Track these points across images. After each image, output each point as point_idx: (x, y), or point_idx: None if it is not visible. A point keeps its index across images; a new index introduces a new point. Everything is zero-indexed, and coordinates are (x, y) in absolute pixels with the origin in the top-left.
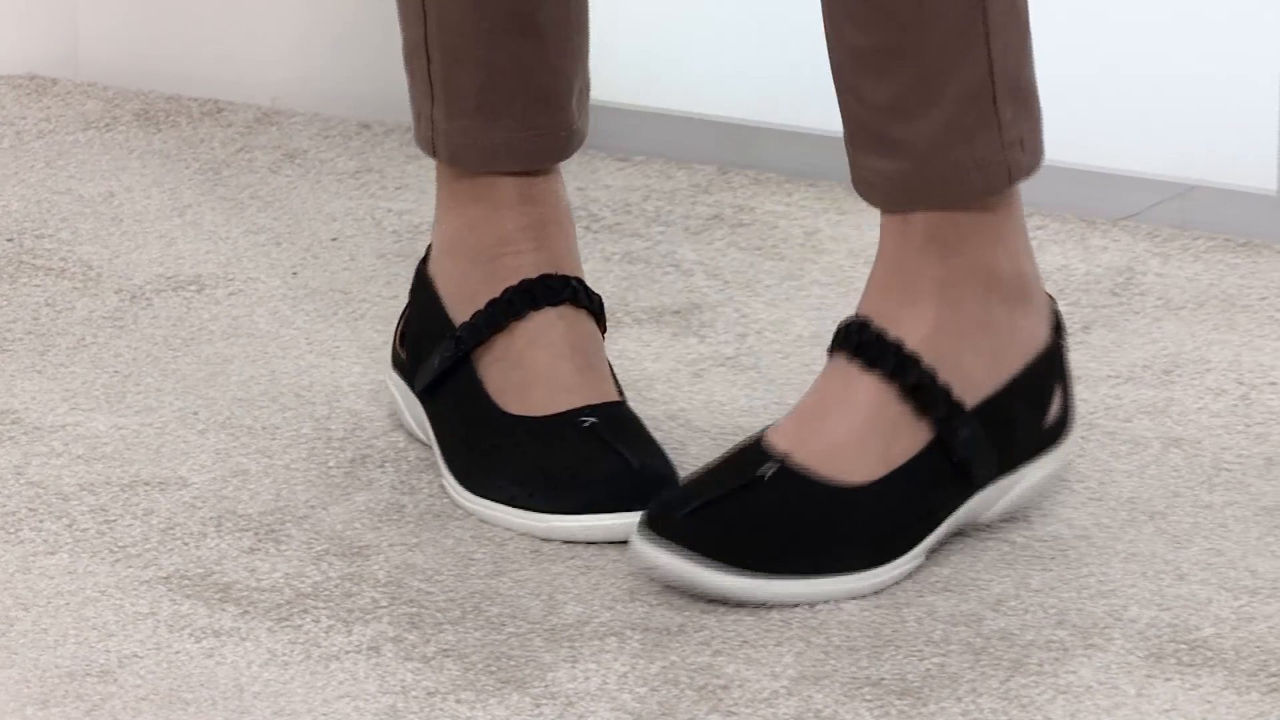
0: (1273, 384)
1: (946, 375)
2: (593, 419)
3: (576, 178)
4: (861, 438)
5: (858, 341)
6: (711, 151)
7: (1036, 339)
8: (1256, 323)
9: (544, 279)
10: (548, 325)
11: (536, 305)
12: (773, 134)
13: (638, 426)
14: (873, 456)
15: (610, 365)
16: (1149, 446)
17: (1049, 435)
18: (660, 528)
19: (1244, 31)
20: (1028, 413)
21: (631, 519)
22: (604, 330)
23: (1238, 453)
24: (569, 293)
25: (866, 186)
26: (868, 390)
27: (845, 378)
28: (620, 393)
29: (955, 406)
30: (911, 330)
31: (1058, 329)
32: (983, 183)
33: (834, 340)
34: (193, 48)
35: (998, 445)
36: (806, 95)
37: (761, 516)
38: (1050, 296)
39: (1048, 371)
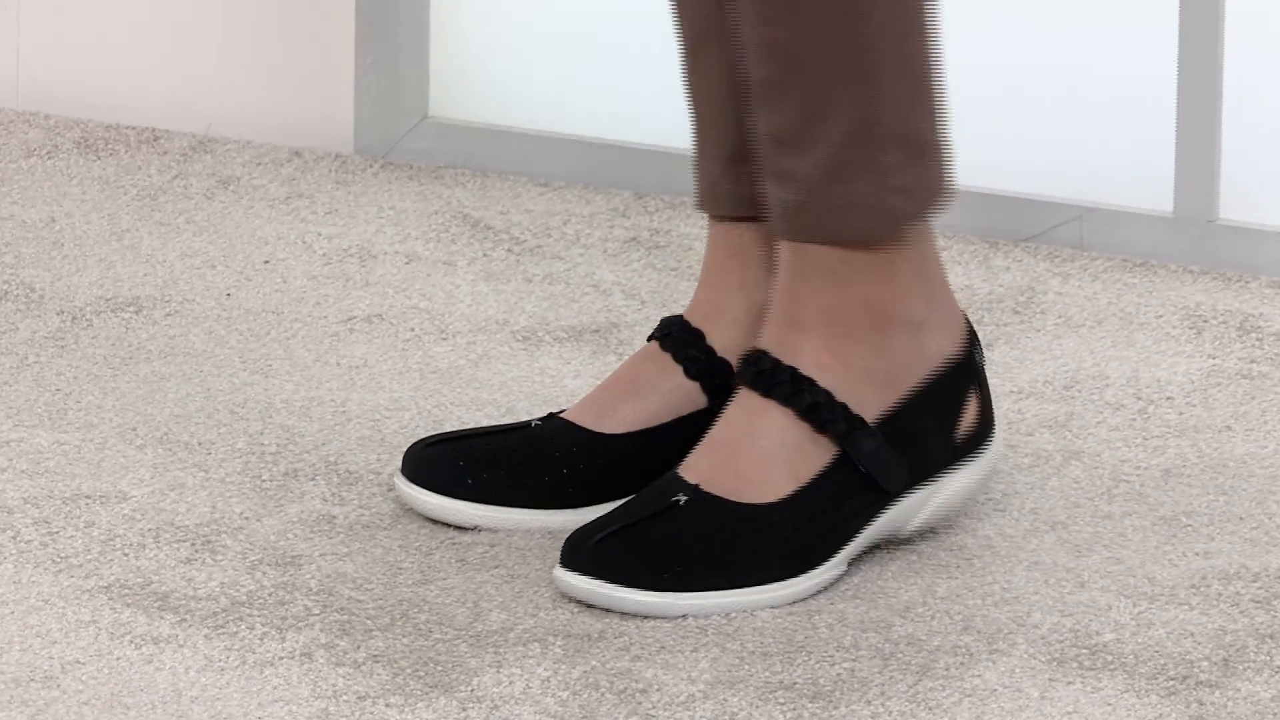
0: (1169, 399)
1: (843, 395)
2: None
3: (499, 202)
4: (767, 461)
5: (755, 371)
6: (628, 177)
7: (941, 354)
8: (1153, 339)
9: None
10: None
11: None
12: (686, 160)
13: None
14: (781, 477)
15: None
16: (1050, 459)
17: (966, 445)
18: (572, 559)
19: (1140, 61)
20: (936, 425)
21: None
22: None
23: (1136, 465)
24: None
25: (769, 213)
26: (769, 416)
27: (747, 407)
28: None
29: (855, 420)
30: (804, 356)
31: (972, 343)
32: (859, 224)
33: (737, 373)
34: (130, 78)
35: (907, 456)
36: None
37: (671, 539)
38: (962, 313)
39: (956, 384)
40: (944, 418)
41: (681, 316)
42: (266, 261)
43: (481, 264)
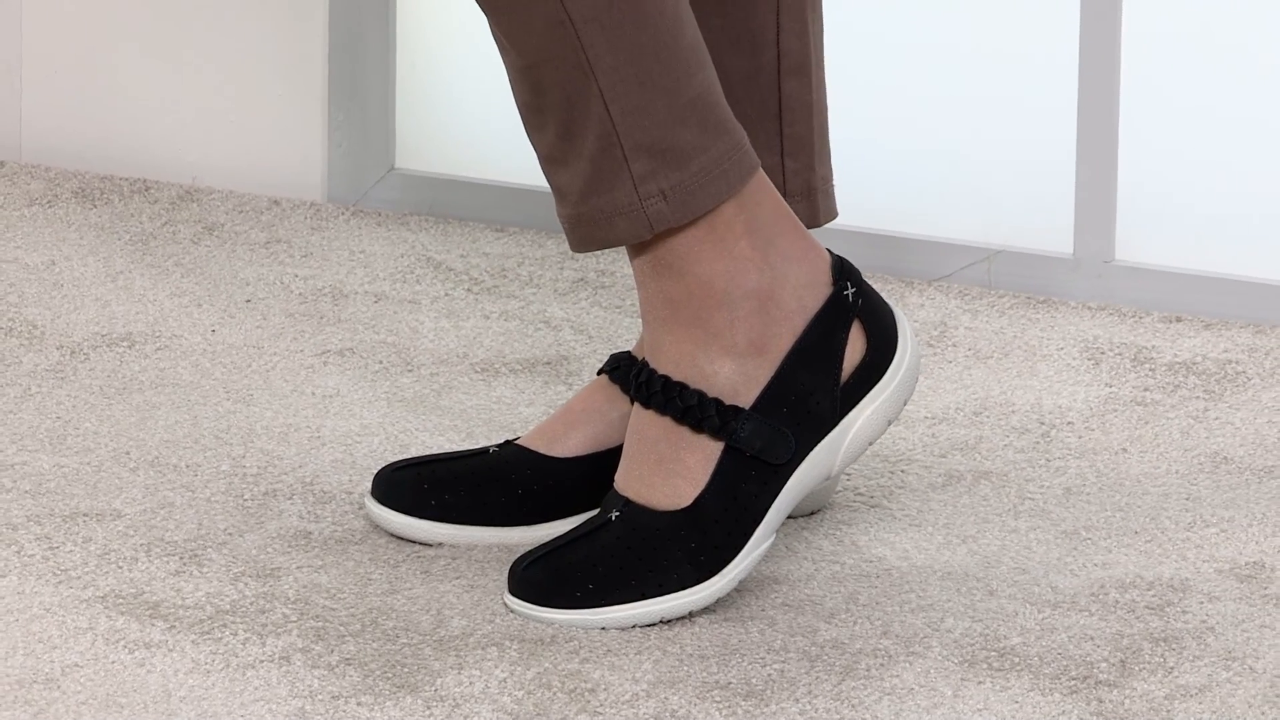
0: (1070, 424)
1: (708, 385)
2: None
3: (459, 246)
4: (664, 467)
5: (637, 384)
6: None
7: (802, 309)
8: (1055, 370)
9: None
10: None
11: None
12: None
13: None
14: (680, 481)
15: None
16: (962, 479)
17: (858, 382)
18: (509, 582)
19: (1042, 118)
20: (815, 377)
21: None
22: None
23: (1039, 484)
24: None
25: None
26: (655, 425)
27: (639, 419)
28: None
29: (726, 412)
30: (666, 354)
31: (839, 280)
32: (625, 229)
33: (630, 388)
34: (123, 134)
35: (792, 422)
36: None
37: (586, 560)
38: (827, 252)
39: (827, 329)
40: (823, 369)
41: (629, 352)
42: (248, 300)
43: (443, 302)
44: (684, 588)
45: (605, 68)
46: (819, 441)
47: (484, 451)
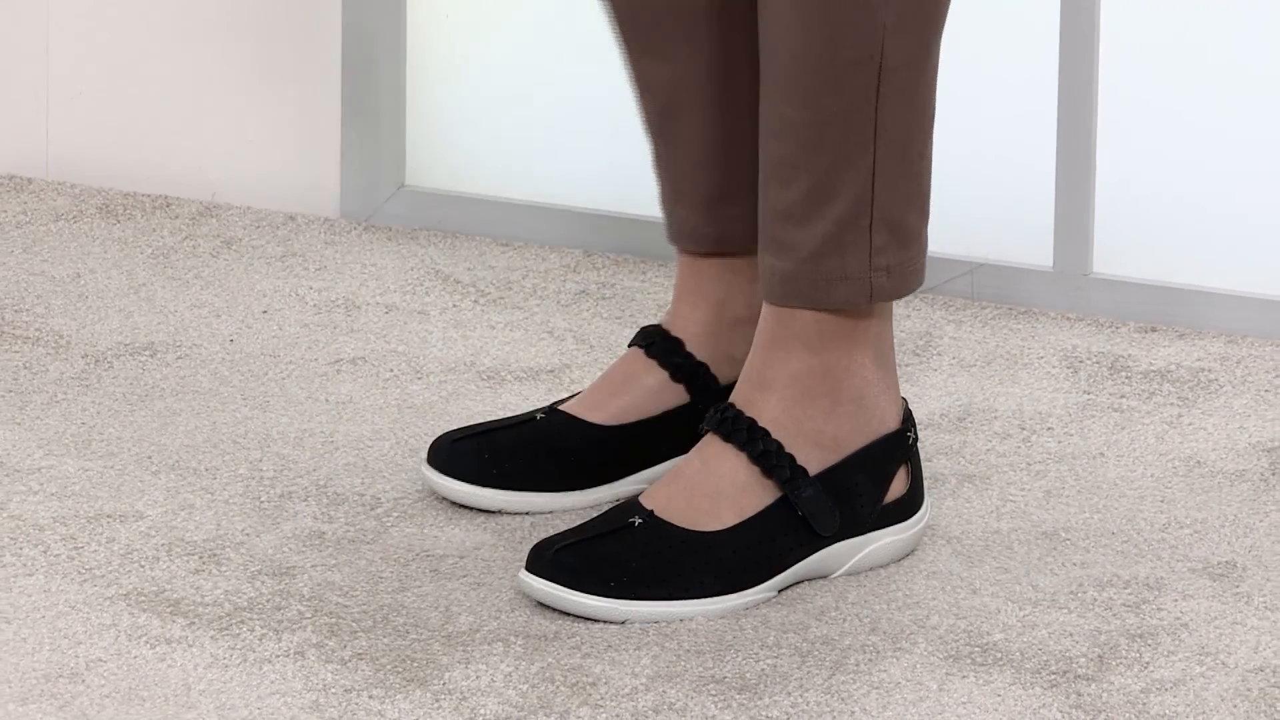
0: (1050, 429)
1: (790, 448)
2: None
3: (466, 260)
4: (717, 494)
5: (719, 420)
6: (579, 237)
7: (883, 425)
8: (1036, 378)
9: None
10: None
11: None
12: (629, 223)
13: None
14: (727, 510)
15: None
16: (946, 481)
17: (894, 510)
18: (534, 564)
19: (1023, 136)
20: (869, 484)
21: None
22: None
23: (1021, 487)
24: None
25: (762, 283)
26: (725, 459)
27: (708, 450)
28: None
29: (798, 470)
30: (764, 412)
31: (906, 422)
32: (845, 294)
33: (705, 421)
34: (146, 152)
35: (839, 506)
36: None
37: (620, 554)
38: (903, 399)
39: (889, 453)
40: (876, 481)
41: (659, 325)
42: (265, 311)
43: (451, 313)
44: (705, 596)
45: (886, 140)
46: (849, 538)
47: (531, 418)
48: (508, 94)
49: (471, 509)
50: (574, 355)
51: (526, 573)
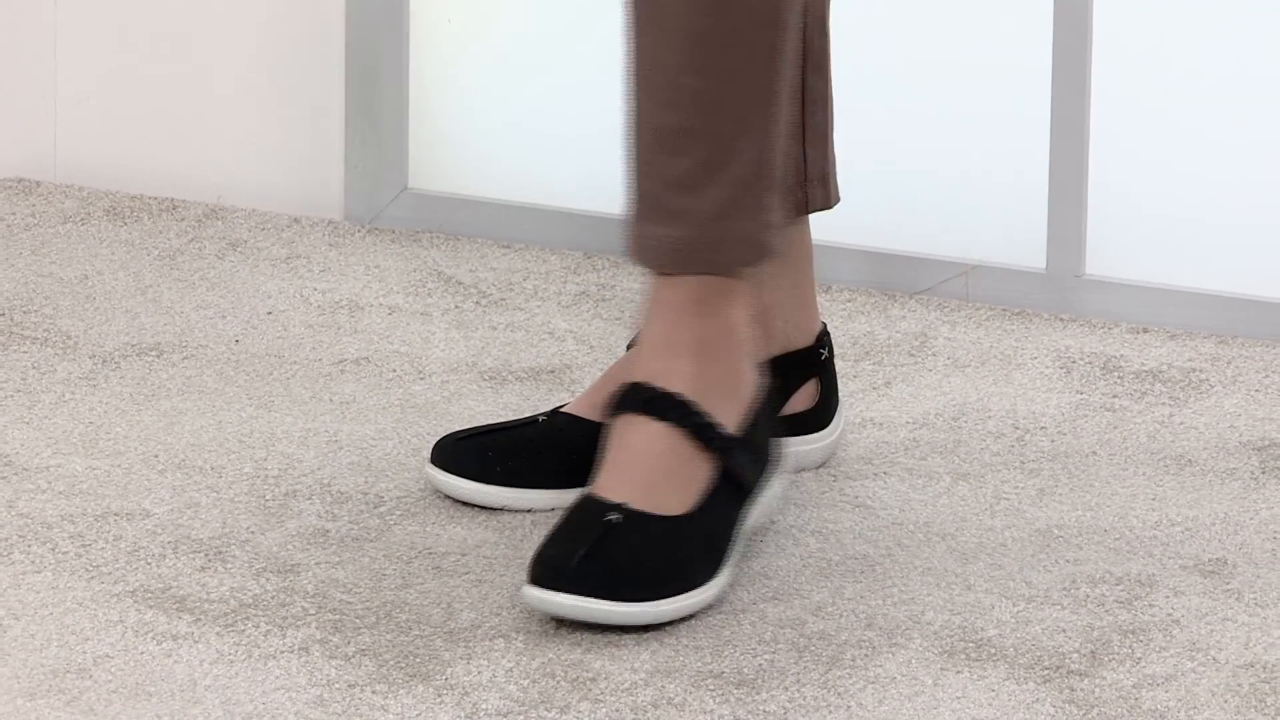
0: (1043, 428)
1: (711, 411)
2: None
3: (468, 261)
4: (669, 476)
5: (645, 399)
6: (579, 240)
7: (753, 375)
8: (1029, 378)
9: None
10: None
11: None
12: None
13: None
14: (683, 489)
15: None
16: (941, 480)
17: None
18: (554, 579)
19: (1017, 141)
20: (767, 429)
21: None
22: None
23: (1014, 485)
24: None
25: (645, 252)
26: (664, 438)
27: (641, 430)
28: None
29: (729, 439)
30: (680, 382)
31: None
32: (743, 255)
33: (620, 402)
34: (152, 155)
35: (757, 460)
36: None
37: (634, 555)
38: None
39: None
40: (771, 414)
41: None
42: (269, 313)
43: (453, 314)
44: (708, 581)
45: (782, 101)
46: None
47: (533, 421)
48: (509, 99)
49: (473, 507)
50: (574, 356)
51: (545, 589)
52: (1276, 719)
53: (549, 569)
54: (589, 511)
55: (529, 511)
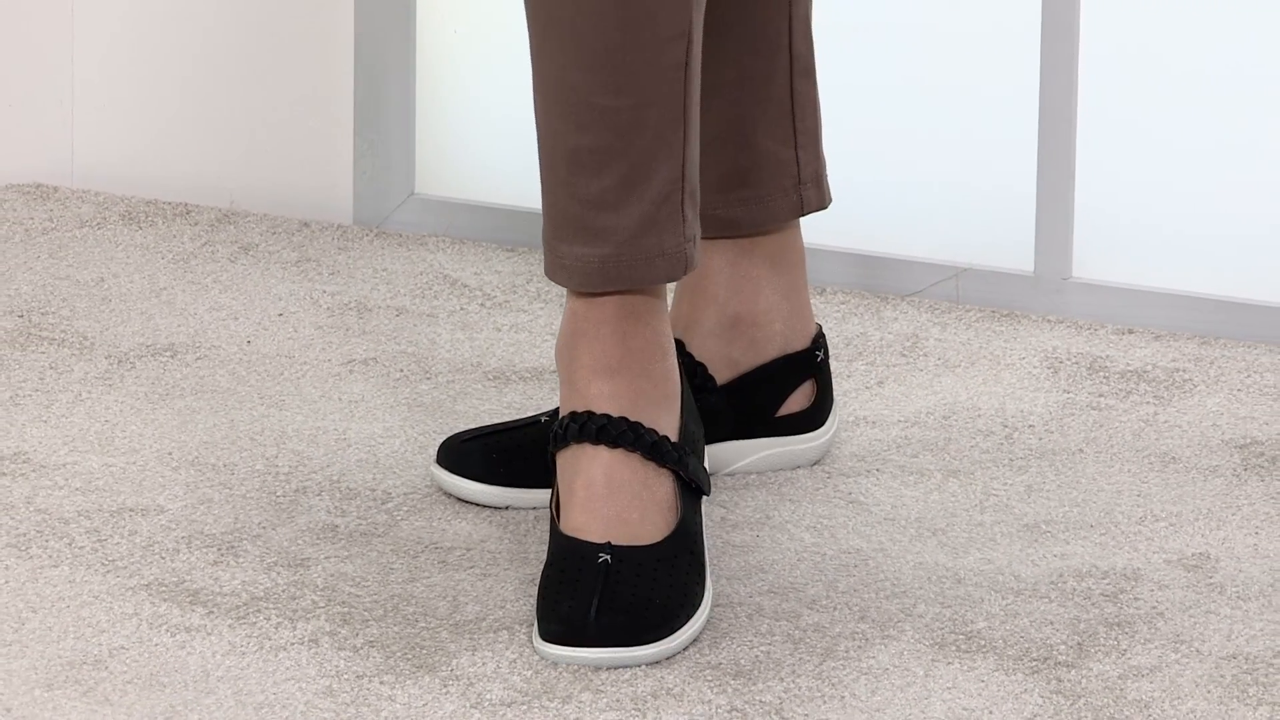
0: (1031, 426)
1: (651, 424)
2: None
3: (473, 265)
4: (638, 502)
5: (597, 427)
6: None
7: (677, 378)
8: (1018, 378)
9: None
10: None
11: None
12: None
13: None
14: (655, 514)
15: None
16: (932, 476)
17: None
18: (579, 639)
19: (1006, 147)
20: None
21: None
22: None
23: (1003, 481)
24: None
25: (567, 271)
26: (623, 464)
27: (597, 461)
28: None
29: (678, 449)
30: (621, 403)
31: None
32: (666, 270)
33: (564, 434)
34: (167, 161)
35: (698, 454)
36: None
37: (637, 596)
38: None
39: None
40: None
41: None
42: (280, 314)
43: (459, 316)
44: (703, 594)
45: (692, 114)
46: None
47: (536, 421)
48: (514, 105)
49: (478, 504)
50: None
51: (567, 647)
52: (1258, 709)
53: (569, 628)
54: (579, 557)
55: (531, 509)
